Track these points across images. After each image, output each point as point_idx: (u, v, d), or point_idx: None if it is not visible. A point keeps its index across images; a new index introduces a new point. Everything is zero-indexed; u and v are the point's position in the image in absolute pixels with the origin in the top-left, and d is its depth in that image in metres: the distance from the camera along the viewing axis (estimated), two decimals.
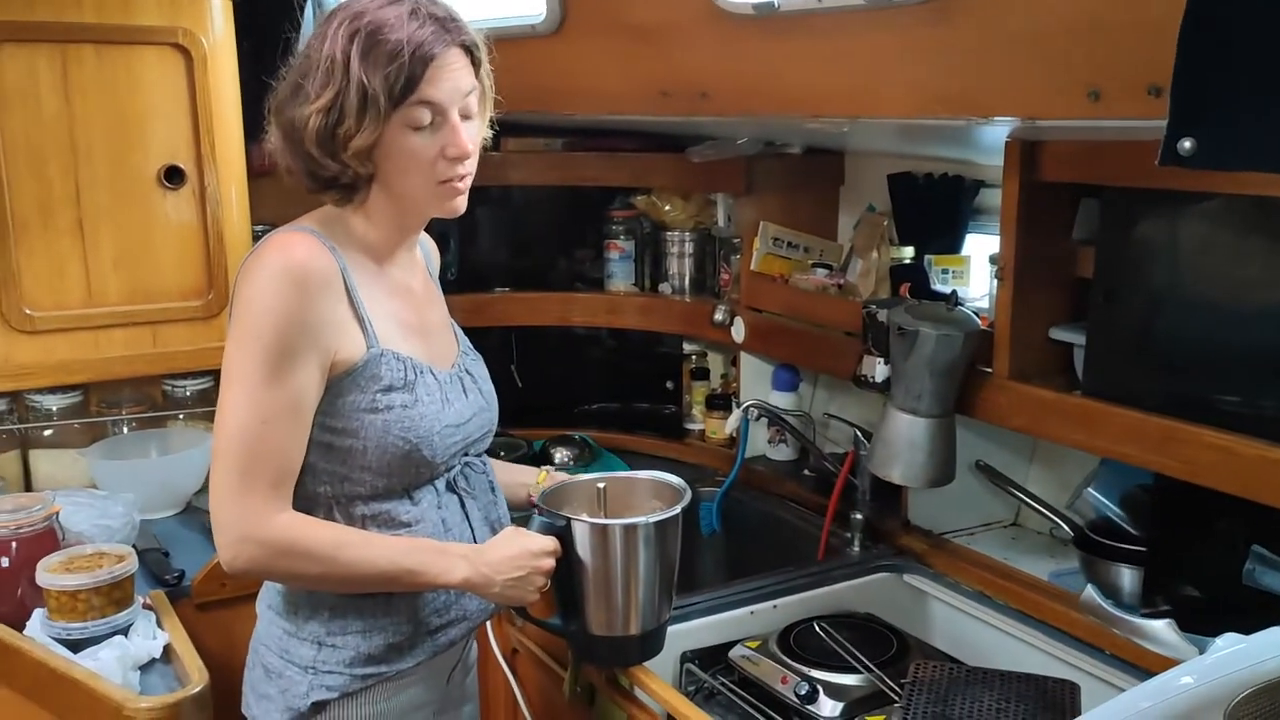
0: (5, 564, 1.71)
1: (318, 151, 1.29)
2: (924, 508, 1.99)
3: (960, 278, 2.03)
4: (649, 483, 1.61)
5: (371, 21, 1.26)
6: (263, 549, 1.27)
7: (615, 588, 1.47)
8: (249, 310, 1.26)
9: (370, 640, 1.39)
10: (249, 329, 1.26)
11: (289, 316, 1.25)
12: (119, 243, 2.13)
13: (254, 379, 1.25)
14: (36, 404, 2.25)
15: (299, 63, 1.32)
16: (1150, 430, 1.49)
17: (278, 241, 1.30)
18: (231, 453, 1.26)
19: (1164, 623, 1.48)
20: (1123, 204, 1.58)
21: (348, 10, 1.29)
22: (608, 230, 2.63)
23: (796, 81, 1.64)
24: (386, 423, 1.34)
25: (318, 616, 1.38)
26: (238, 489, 1.26)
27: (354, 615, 1.38)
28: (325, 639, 1.38)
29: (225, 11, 2.16)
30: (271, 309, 1.25)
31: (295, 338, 1.26)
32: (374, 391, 1.33)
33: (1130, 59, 1.20)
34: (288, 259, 1.27)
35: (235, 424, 1.26)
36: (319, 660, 1.38)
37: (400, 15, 1.27)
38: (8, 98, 1.99)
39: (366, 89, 1.25)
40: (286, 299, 1.25)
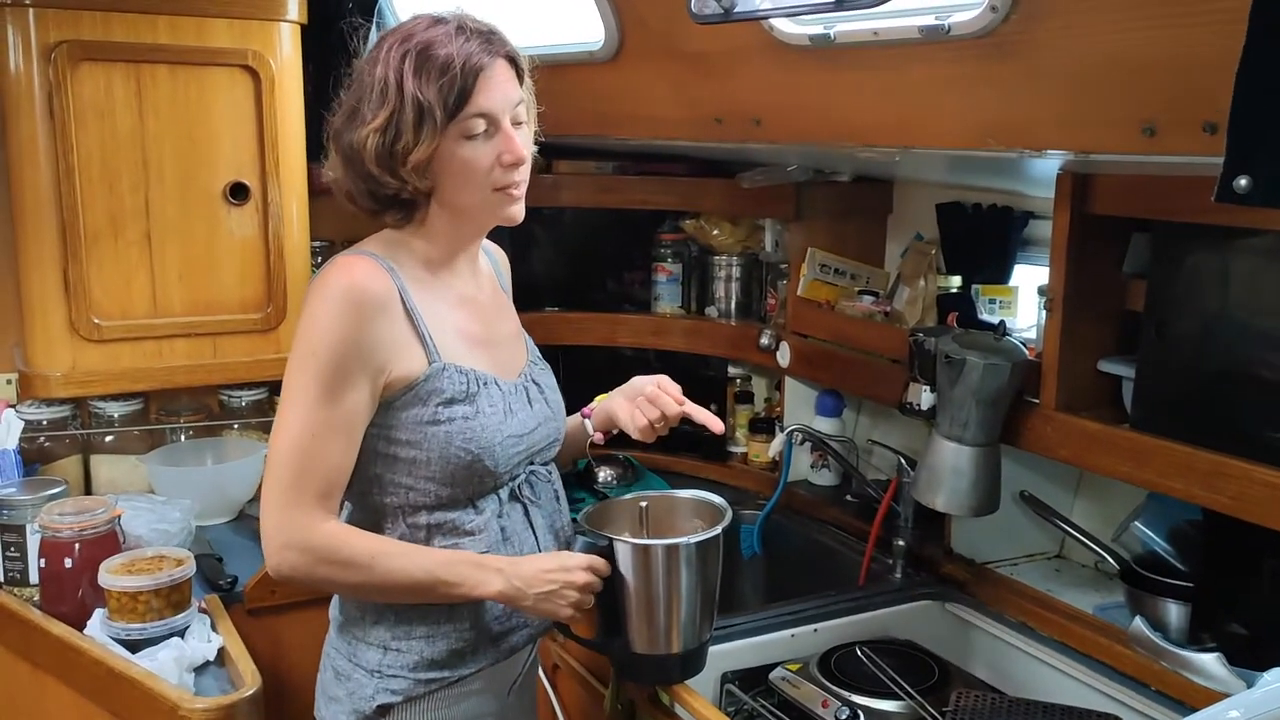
0: (68, 565, 1.76)
1: (378, 170, 1.35)
2: (967, 536, 1.99)
3: (1007, 308, 2.04)
4: (691, 502, 1.63)
5: (420, 41, 1.33)
6: (304, 556, 1.33)
7: (657, 607, 1.48)
8: (308, 330, 1.33)
9: (434, 645, 1.43)
10: (307, 348, 1.33)
11: (344, 338, 1.31)
12: (184, 256, 2.19)
13: (309, 396, 1.32)
14: (99, 410, 2.32)
15: (353, 88, 1.38)
16: (1199, 465, 1.49)
17: (339, 265, 1.36)
18: (282, 465, 1.32)
19: (1213, 656, 1.47)
20: (1175, 238, 1.58)
21: (396, 34, 1.36)
22: (656, 253, 2.66)
23: (850, 111, 1.66)
24: (449, 434, 1.38)
25: (384, 621, 1.43)
26: (286, 499, 1.32)
27: (418, 620, 1.43)
28: (390, 643, 1.43)
29: (293, 35, 2.22)
30: (328, 330, 1.32)
31: (349, 358, 1.32)
32: (435, 405, 1.38)
33: (1186, 95, 1.22)
34: (345, 282, 1.33)
35: (288, 438, 1.32)
36: (384, 664, 1.43)
37: (448, 33, 1.34)
38: (84, 114, 2.07)
39: (422, 104, 1.31)
40: (342, 321, 1.31)
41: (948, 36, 1.40)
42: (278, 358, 2.28)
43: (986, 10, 1.33)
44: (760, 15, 1.51)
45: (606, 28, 2.00)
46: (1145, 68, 1.25)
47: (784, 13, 1.51)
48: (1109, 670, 1.66)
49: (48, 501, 1.84)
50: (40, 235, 2.07)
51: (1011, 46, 1.36)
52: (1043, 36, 1.33)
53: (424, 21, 1.37)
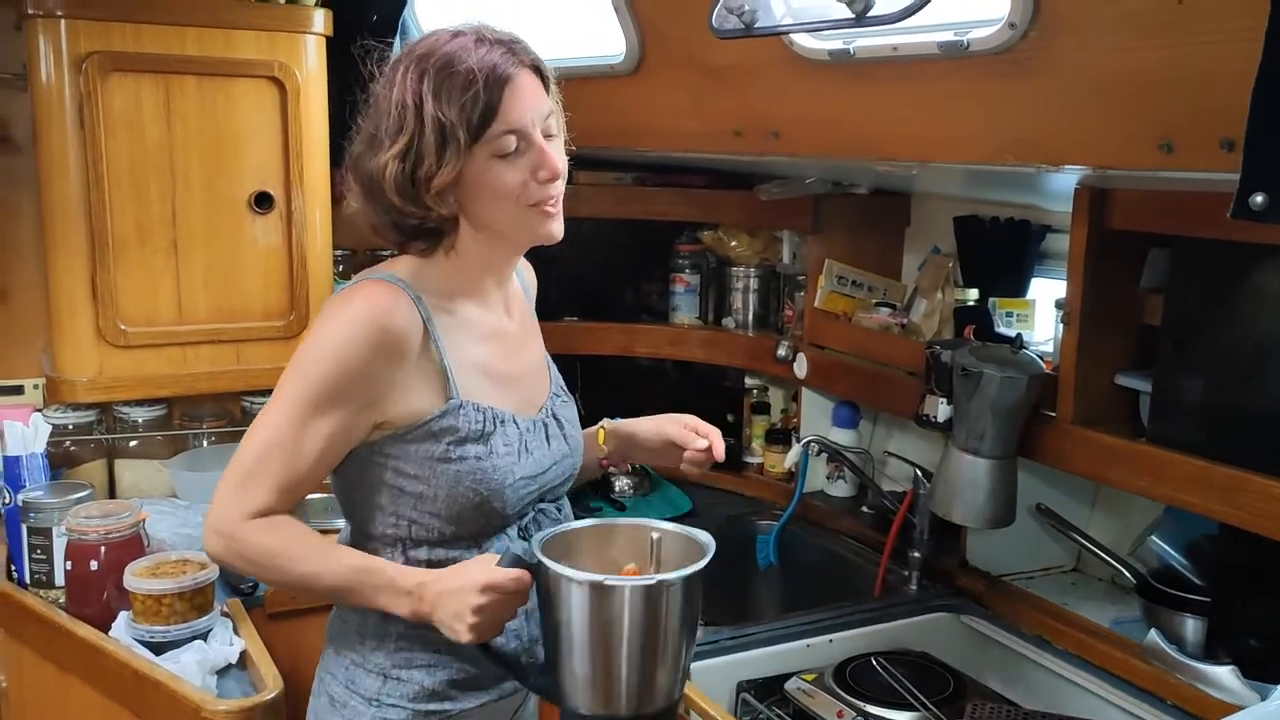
0: (94, 567, 1.78)
1: (399, 199, 1.27)
2: (983, 549, 1.99)
3: (1024, 321, 2.05)
4: (684, 539, 1.31)
5: (439, 58, 1.25)
6: (227, 544, 1.29)
7: (584, 653, 1.20)
8: (318, 345, 1.28)
9: (434, 675, 1.37)
10: (312, 361, 1.28)
11: (348, 368, 1.26)
12: (209, 263, 2.22)
13: (294, 405, 1.27)
14: (124, 415, 2.35)
15: (370, 114, 1.30)
16: (1216, 480, 1.49)
17: (368, 292, 1.29)
18: (244, 456, 1.29)
19: (1228, 669, 1.48)
20: (1193, 254, 1.59)
21: (412, 53, 1.28)
22: (674, 264, 2.68)
23: (869, 125, 1.68)
24: (458, 473, 1.32)
25: (384, 648, 1.37)
26: (231, 489, 1.29)
27: (420, 648, 1.36)
28: (391, 671, 1.37)
29: (319, 47, 2.25)
30: (337, 353, 1.26)
31: (343, 388, 1.26)
32: (447, 442, 1.32)
33: (1203, 112, 1.23)
34: (369, 314, 1.26)
35: (258, 436, 1.29)
36: (383, 693, 1.37)
37: (466, 44, 1.26)
38: (114, 123, 2.10)
39: (444, 125, 1.23)
40: (354, 350, 1.26)
41: (967, 53, 1.42)
42: None
43: (1005, 27, 1.35)
44: (781, 30, 1.53)
45: (628, 41, 2.03)
46: (1162, 84, 1.26)
47: (805, 28, 1.53)
48: (1124, 684, 1.66)
49: (74, 505, 1.86)
50: (69, 243, 2.10)
51: (1030, 63, 1.37)
52: (1061, 53, 1.34)
53: (441, 36, 1.28)
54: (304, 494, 1.32)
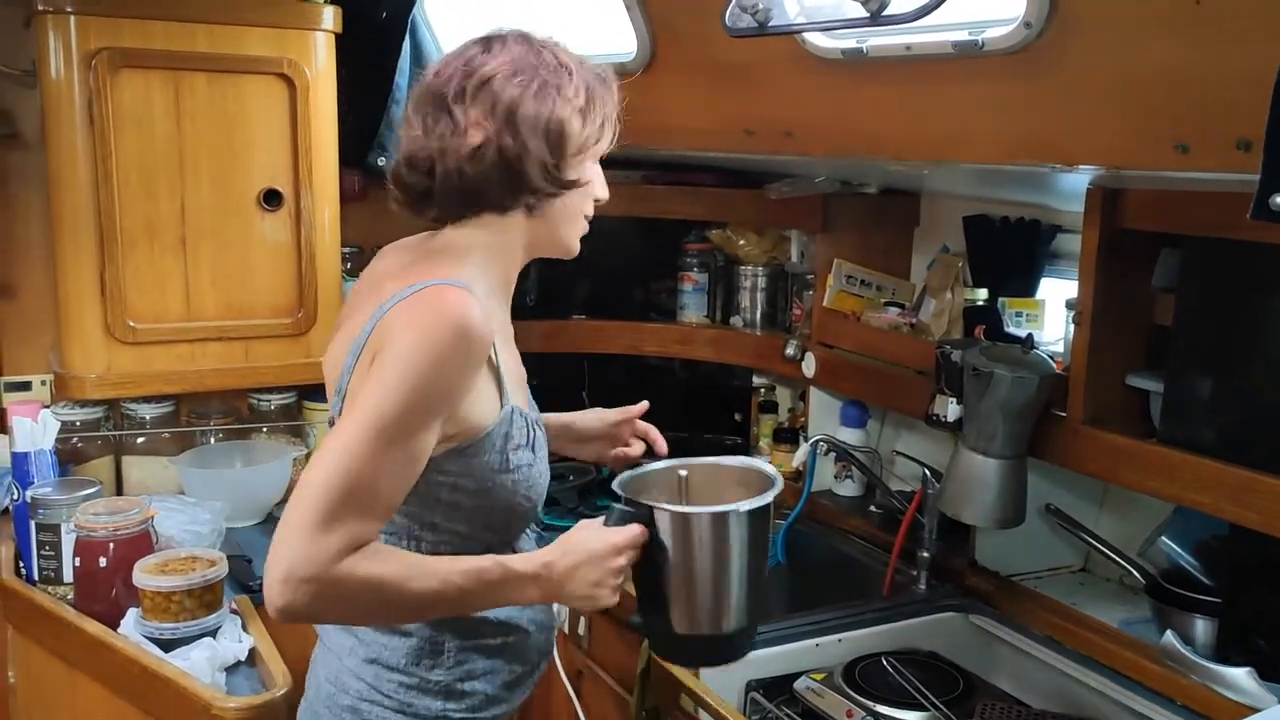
0: (103, 564, 1.78)
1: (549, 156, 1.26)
2: (992, 549, 1.99)
3: (1034, 321, 2.04)
4: (735, 470, 1.45)
5: (602, 69, 1.35)
6: (319, 589, 1.13)
7: (702, 582, 1.32)
8: (410, 358, 1.18)
9: (493, 682, 1.37)
10: (403, 378, 1.17)
11: (445, 384, 1.20)
12: (218, 260, 2.22)
13: (384, 428, 1.16)
14: (132, 412, 2.35)
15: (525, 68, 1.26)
16: (1227, 480, 1.49)
17: (453, 299, 1.21)
18: (329, 486, 1.14)
19: (1244, 670, 1.48)
20: (1205, 254, 1.58)
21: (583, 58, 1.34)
22: (682, 262, 2.68)
23: (882, 125, 1.67)
24: (515, 482, 1.31)
25: (441, 665, 1.34)
26: (316, 525, 1.13)
27: (477, 657, 1.35)
28: (454, 686, 1.34)
29: (328, 44, 2.25)
30: (433, 370, 1.18)
31: (440, 403, 1.20)
32: (507, 450, 1.29)
33: (1219, 112, 1.22)
34: (462, 324, 1.19)
35: (347, 463, 1.15)
36: (448, 709, 1.34)
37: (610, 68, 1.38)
38: (123, 120, 2.10)
39: (605, 120, 1.33)
40: (448, 365, 1.19)
41: (981, 52, 1.41)
42: (308, 362, 2.31)
43: (1020, 26, 1.34)
44: (794, 29, 1.53)
45: (639, 39, 2.02)
46: (1178, 84, 1.26)
47: (818, 27, 1.53)
48: (1135, 685, 1.66)
49: (83, 501, 1.86)
50: (78, 239, 2.11)
51: (1045, 62, 1.37)
52: (1076, 53, 1.34)
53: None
54: (381, 526, 1.21)
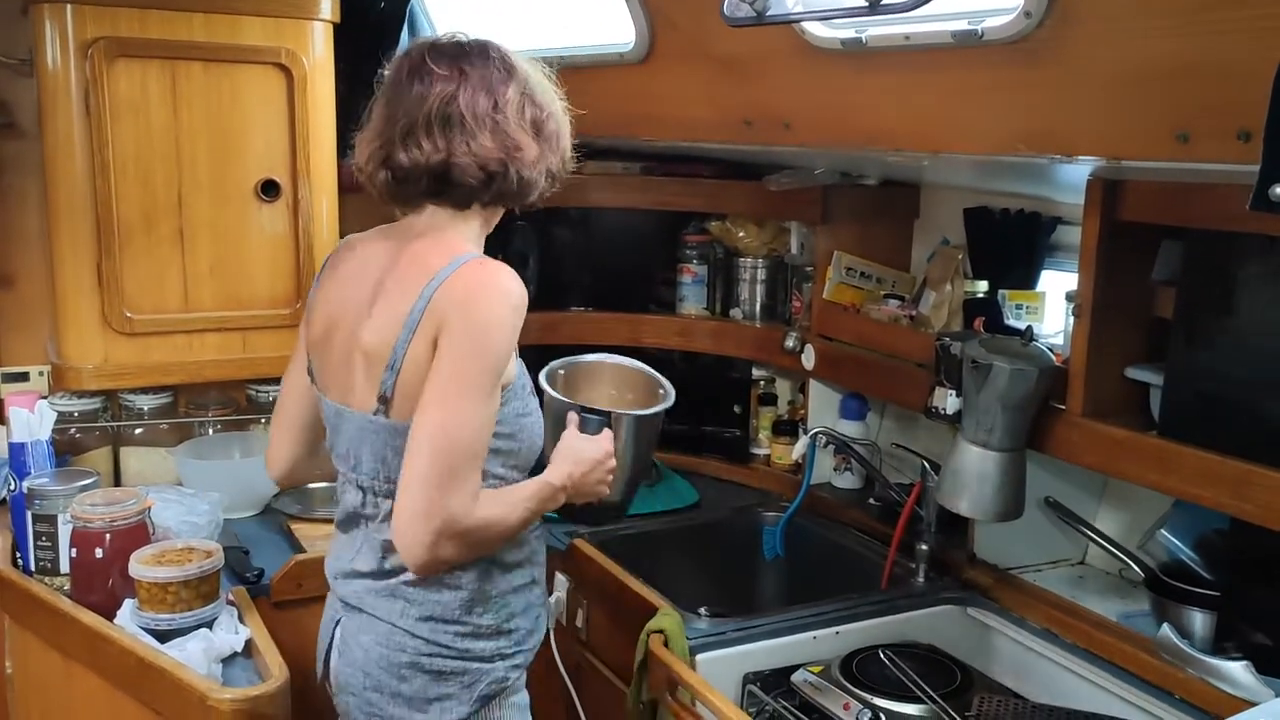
0: (99, 555, 1.78)
1: (557, 165, 1.53)
2: (990, 542, 1.98)
3: (1034, 313, 2.04)
4: (611, 367, 1.79)
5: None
6: (464, 538, 1.39)
7: (621, 465, 1.63)
8: (492, 332, 1.39)
9: (528, 617, 1.59)
10: (492, 349, 1.39)
11: (509, 343, 1.42)
12: (215, 251, 2.22)
13: (483, 390, 1.39)
14: (129, 403, 2.35)
15: (543, 99, 1.51)
16: (1227, 473, 1.49)
17: (497, 270, 1.43)
18: (453, 451, 1.37)
19: (1241, 664, 1.47)
20: (1206, 246, 1.58)
21: (539, 69, 1.53)
22: (682, 254, 2.67)
23: (881, 115, 1.67)
24: (533, 424, 1.54)
25: (490, 610, 1.53)
26: (453, 485, 1.37)
27: (514, 596, 1.56)
28: (503, 625, 1.54)
29: (326, 34, 2.24)
30: (507, 336, 1.41)
31: (505, 360, 1.43)
32: (525, 396, 1.53)
33: (1220, 103, 1.22)
34: (519, 293, 1.42)
35: (461, 429, 1.37)
36: (502, 647, 1.55)
37: None
38: (119, 110, 2.09)
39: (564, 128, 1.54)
40: (511, 328, 1.42)
41: (980, 42, 1.40)
42: None
43: (1020, 16, 1.33)
44: (793, 19, 1.52)
45: (637, 29, 2.01)
46: (1179, 74, 1.25)
47: (817, 16, 1.52)
48: (1133, 678, 1.66)
49: (80, 492, 1.85)
50: (75, 229, 2.10)
51: (1045, 52, 1.36)
52: (1077, 42, 1.33)
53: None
54: None
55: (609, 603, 2.02)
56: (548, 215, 2.63)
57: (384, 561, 1.52)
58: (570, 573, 2.15)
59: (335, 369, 1.53)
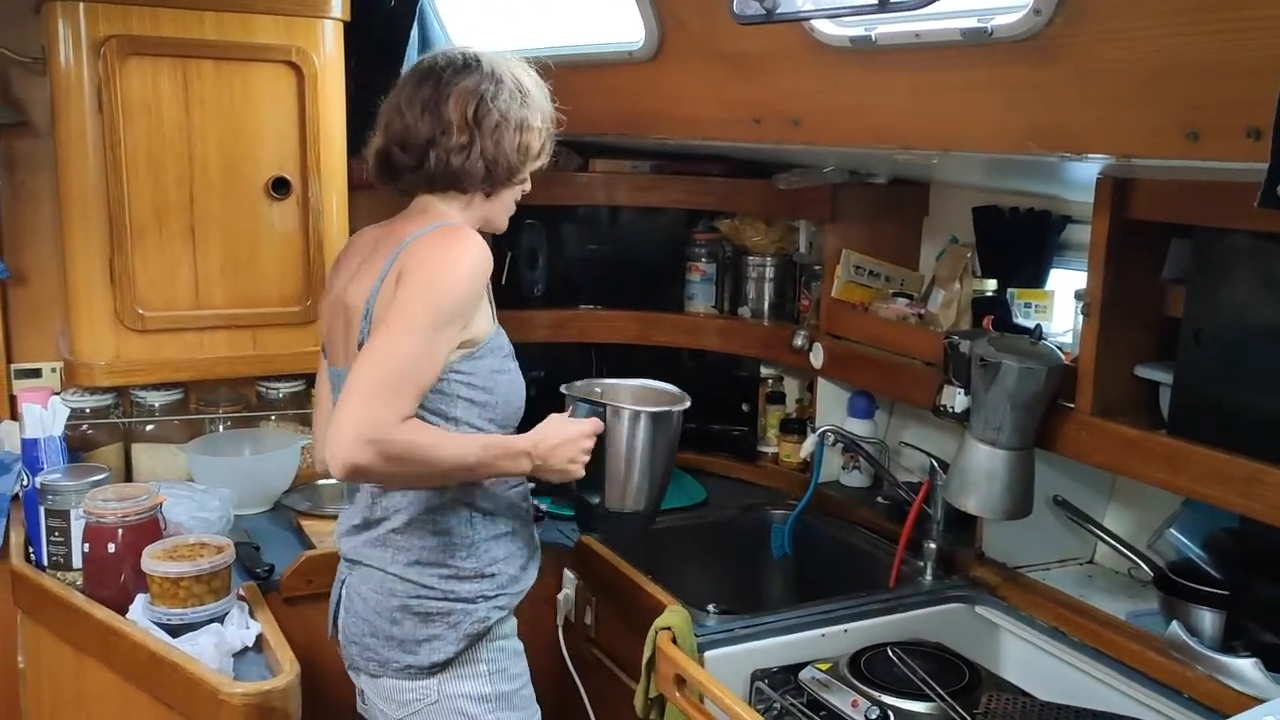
0: (112, 550, 1.79)
1: (517, 159, 1.64)
2: (999, 540, 1.99)
3: (1043, 312, 2.04)
4: (640, 389, 1.80)
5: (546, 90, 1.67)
6: (381, 448, 1.43)
7: (633, 466, 1.68)
8: (443, 273, 1.52)
9: (511, 564, 1.68)
10: (437, 288, 1.51)
11: (467, 295, 1.54)
12: (226, 248, 2.23)
13: (423, 324, 1.50)
14: (141, 400, 2.36)
15: (510, 98, 1.62)
16: (1237, 472, 1.48)
17: (468, 233, 1.57)
18: (382, 369, 1.47)
19: (1250, 661, 1.47)
20: (1216, 245, 1.57)
21: (531, 74, 1.66)
22: (690, 252, 2.68)
23: (890, 113, 1.67)
24: (510, 383, 1.65)
25: (474, 554, 1.64)
26: (376, 398, 1.45)
27: (495, 544, 1.66)
28: (485, 570, 1.65)
29: (336, 32, 2.25)
30: (459, 285, 1.53)
31: (459, 308, 1.53)
32: (500, 357, 1.64)
33: (1229, 101, 1.21)
34: (480, 251, 1.55)
35: (400, 349, 1.48)
36: (484, 590, 1.64)
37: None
38: (131, 108, 2.10)
39: (544, 138, 1.67)
40: (471, 282, 1.54)
41: (990, 39, 1.40)
42: (316, 350, 2.28)
43: (1030, 13, 1.33)
44: (803, 16, 1.52)
45: (647, 27, 2.01)
46: (1189, 72, 1.25)
47: (826, 14, 1.52)
48: (1141, 676, 1.66)
49: (92, 487, 1.87)
50: (87, 226, 2.11)
51: (1054, 50, 1.36)
52: (1086, 40, 1.33)
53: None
54: (419, 402, 1.53)
55: (617, 600, 2.02)
56: (557, 213, 2.64)
57: (372, 510, 1.65)
58: (579, 570, 2.15)
59: (335, 338, 1.69)
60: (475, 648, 1.64)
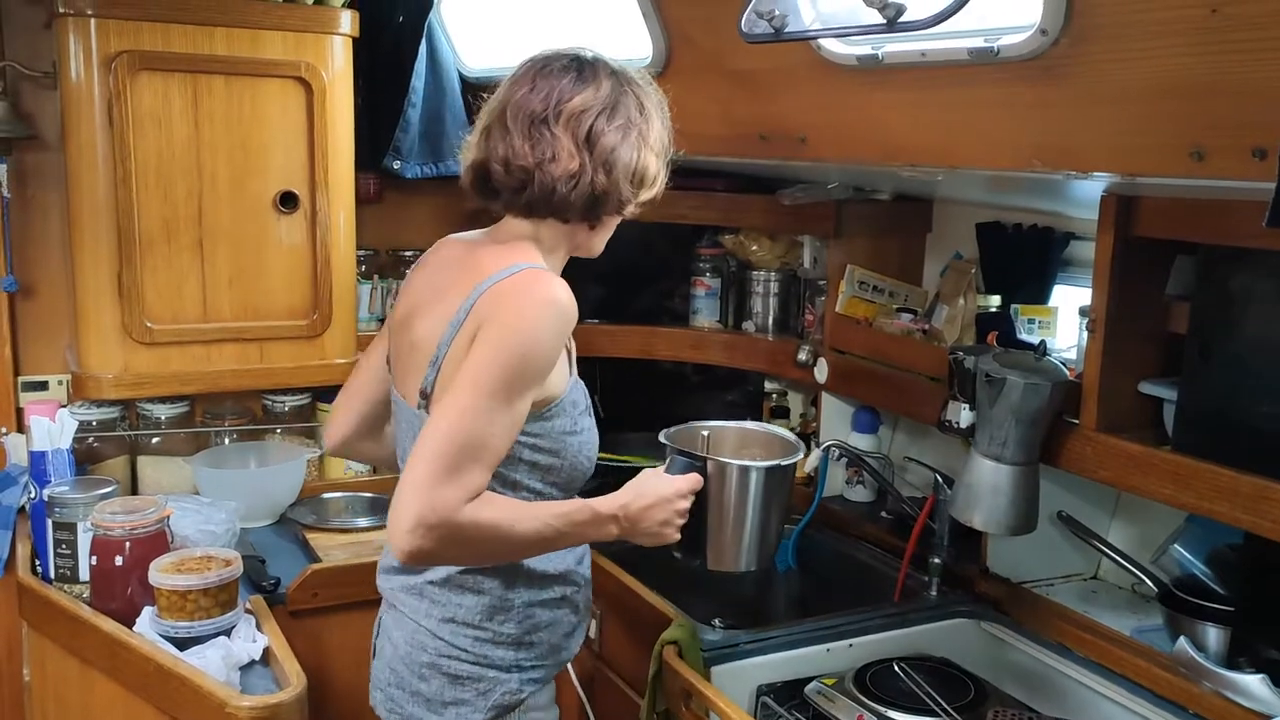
0: (119, 562, 1.80)
1: (628, 188, 1.48)
2: (1003, 555, 1.99)
3: (1047, 328, 2.05)
4: (756, 434, 1.73)
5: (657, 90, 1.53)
6: (447, 532, 1.31)
7: (737, 525, 1.56)
8: (521, 339, 1.37)
9: (555, 632, 1.57)
10: (514, 353, 1.36)
11: (545, 352, 1.39)
12: (234, 262, 2.24)
13: (502, 391, 1.35)
14: (147, 413, 2.37)
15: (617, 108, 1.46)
16: (1241, 488, 1.49)
17: (548, 280, 1.42)
18: (449, 444, 1.32)
19: (1258, 677, 1.47)
20: (1220, 262, 1.58)
21: (649, 84, 1.52)
22: (695, 267, 2.69)
23: (896, 131, 1.68)
24: (580, 444, 1.51)
25: (512, 619, 1.52)
26: (441, 477, 1.31)
27: (541, 610, 1.54)
28: (524, 638, 1.53)
29: (345, 47, 2.27)
30: (539, 340, 1.38)
31: (539, 368, 1.39)
32: (575, 415, 1.50)
33: (1235, 120, 1.22)
34: (563, 300, 1.40)
35: (463, 422, 1.33)
36: (520, 659, 1.53)
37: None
38: (142, 122, 2.12)
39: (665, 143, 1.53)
40: (550, 337, 1.39)
41: (996, 59, 1.41)
42: (322, 364, 2.33)
43: (1036, 34, 1.34)
44: (811, 35, 1.53)
45: (655, 44, 2.03)
46: (1194, 92, 1.26)
47: (834, 34, 1.53)
48: (1146, 693, 1.66)
49: (99, 500, 1.87)
50: (97, 239, 2.12)
51: (1060, 69, 1.37)
52: (1092, 60, 1.34)
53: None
54: (489, 478, 1.39)
55: (623, 614, 2.02)
56: None
57: None
58: None
59: (400, 358, 1.56)
60: (505, 718, 1.53)
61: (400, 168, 2.52)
